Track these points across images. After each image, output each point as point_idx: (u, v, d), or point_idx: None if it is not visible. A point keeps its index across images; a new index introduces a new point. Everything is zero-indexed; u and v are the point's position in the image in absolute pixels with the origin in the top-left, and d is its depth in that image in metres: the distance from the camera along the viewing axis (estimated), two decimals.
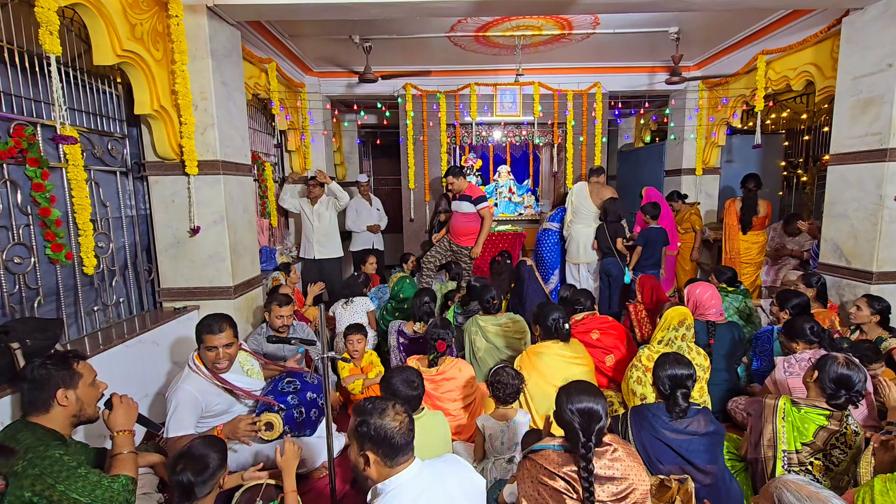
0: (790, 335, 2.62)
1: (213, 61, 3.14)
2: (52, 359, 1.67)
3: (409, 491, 1.34)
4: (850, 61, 3.44)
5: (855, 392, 1.96)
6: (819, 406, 1.99)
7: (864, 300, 2.97)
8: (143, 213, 3.26)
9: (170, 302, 3.30)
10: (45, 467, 1.46)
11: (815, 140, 6.17)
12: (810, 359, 2.38)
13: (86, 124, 2.81)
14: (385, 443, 1.35)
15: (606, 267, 4.57)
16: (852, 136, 3.44)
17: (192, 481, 1.53)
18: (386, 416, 1.37)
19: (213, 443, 1.66)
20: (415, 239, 6.20)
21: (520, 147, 7.21)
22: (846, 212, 3.50)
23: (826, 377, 1.99)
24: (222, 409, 2.34)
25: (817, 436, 1.94)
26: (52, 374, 1.62)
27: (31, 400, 1.62)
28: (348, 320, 3.62)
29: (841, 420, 1.95)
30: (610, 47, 5.09)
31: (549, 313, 2.65)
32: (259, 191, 4.76)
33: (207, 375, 2.28)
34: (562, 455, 1.56)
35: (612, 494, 1.49)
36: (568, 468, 1.52)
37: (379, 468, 1.37)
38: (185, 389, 2.21)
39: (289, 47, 4.84)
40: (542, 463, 1.56)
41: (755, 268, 4.79)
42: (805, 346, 2.54)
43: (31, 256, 2.40)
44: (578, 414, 1.52)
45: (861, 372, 1.99)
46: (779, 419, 2.00)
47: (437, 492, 1.38)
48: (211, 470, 1.57)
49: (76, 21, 2.65)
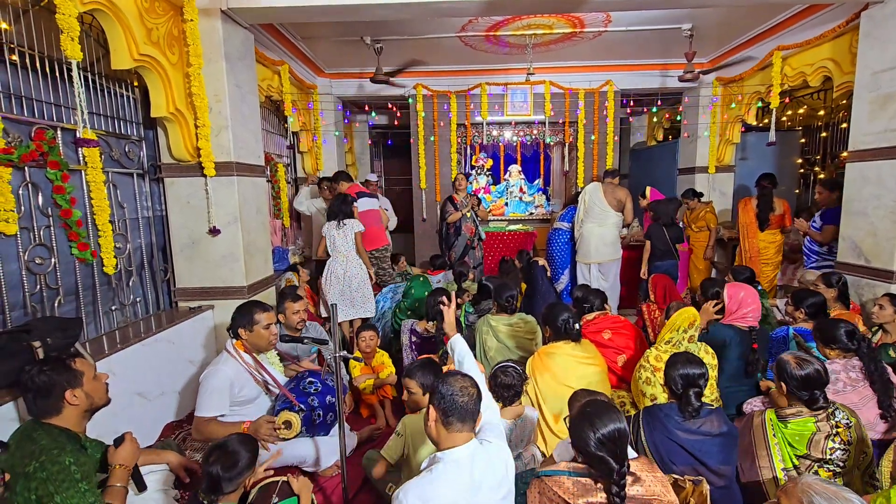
0: (824, 340, 2.37)
1: (227, 64, 3.18)
2: (49, 364, 1.67)
3: (464, 468, 1.41)
4: (870, 56, 3.37)
5: (825, 385, 1.90)
6: (804, 413, 1.91)
7: (887, 299, 2.86)
8: (158, 215, 3.32)
9: (185, 301, 3.36)
10: (53, 473, 1.48)
11: (832, 137, 6.06)
12: (840, 372, 2.23)
13: (104, 127, 2.87)
14: (448, 406, 1.44)
15: (668, 269, 4.48)
16: (871, 133, 3.37)
17: (220, 476, 1.56)
18: (457, 384, 1.47)
19: (248, 442, 1.69)
20: (426, 238, 6.22)
21: (531, 146, 7.19)
22: (865, 210, 3.42)
23: (793, 386, 1.92)
24: (251, 397, 2.42)
25: (812, 444, 1.86)
26: (55, 378, 1.63)
27: (41, 406, 1.63)
28: (340, 243, 3.85)
29: (829, 418, 1.89)
30: (622, 45, 5.04)
31: (559, 314, 2.63)
32: (272, 192, 4.82)
33: (246, 362, 2.40)
34: (577, 484, 1.44)
35: None
36: (584, 500, 1.41)
37: (438, 427, 1.47)
38: (223, 372, 2.31)
39: (301, 49, 4.89)
40: (557, 491, 1.45)
41: (773, 268, 4.70)
42: (841, 354, 2.31)
43: (51, 257, 2.46)
44: (609, 441, 1.42)
45: (817, 362, 1.92)
46: (770, 437, 1.93)
47: (486, 473, 1.44)
48: (239, 468, 1.61)
49: (94, 26, 2.71)
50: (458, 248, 5.10)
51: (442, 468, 1.41)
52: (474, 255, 5.18)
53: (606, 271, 4.81)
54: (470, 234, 5.13)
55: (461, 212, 5.03)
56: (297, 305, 3.11)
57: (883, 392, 2.14)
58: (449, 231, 5.10)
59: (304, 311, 3.14)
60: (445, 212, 5.11)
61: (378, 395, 3.14)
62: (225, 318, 2.80)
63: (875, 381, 2.17)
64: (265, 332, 2.44)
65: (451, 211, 5.04)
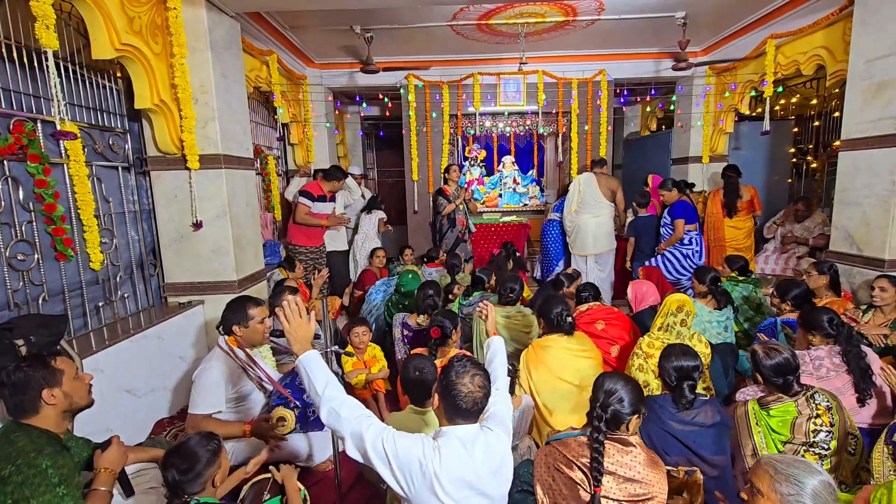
0: (807, 327, 2.47)
1: (213, 54, 3.11)
2: (28, 361, 1.62)
3: (467, 444, 1.41)
4: (863, 44, 3.35)
5: (795, 370, 1.94)
6: (784, 399, 1.95)
7: (887, 281, 2.84)
8: (146, 209, 3.26)
9: (174, 297, 3.31)
10: (29, 477, 1.44)
11: (825, 126, 6.05)
12: (825, 358, 2.29)
13: (86, 119, 2.79)
14: (449, 405, 1.44)
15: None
16: (864, 121, 3.36)
17: (177, 480, 1.55)
18: (464, 388, 1.44)
19: (206, 441, 1.66)
20: (419, 231, 6.18)
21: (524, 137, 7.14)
22: (858, 199, 3.43)
23: (767, 374, 1.96)
24: (245, 394, 2.39)
25: (795, 428, 1.90)
26: (32, 376, 1.58)
27: (17, 404, 1.58)
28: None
29: (809, 401, 1.92)
30: (615, 34, 4.99)
31: (553, 307, 2.62)
32: (262, 184, 4.75)
33: (239, 358, 2.36)
34: (583, 445, 1.57)
35: (629, 495, 1.48)
36: (584, 457, 1.52)
37: (440, 413, 1.50)
38: (216, 368, 2.28)
39: (289, 39, 4.79)
40: (562, 450, 1.57)
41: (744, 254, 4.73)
42: (823, 340, 2.38)
43: (34, 253, 2.40)
44: (605, 393, 1.61)
45: (786, 350, 1.97)
46: (753, 426, 1.97)
47: (486, 456, 1.43)
48: (197, 470, 1.58)
49: (74, 15, 2.63)
50: (449, 240, 5.07)
51: (444, 441, 1.41)
52: (465, 247, 5.15)
53: (604, 263, 4.82)
54: (462, 226, 5.10)
55: (455, 203, 4.99)
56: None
57: (859, 375, 2.21)
58: (443, 223, 5.07)
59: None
60: (439, 204, 5.07)
61: (370, 390, 3.12)
62: (215, 314, 2.76)
63: (851, 364, 2.25)
64: (260, 327, 2.41)
65: (445, 203, 5.00)
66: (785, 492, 1.25)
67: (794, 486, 1.24)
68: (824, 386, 2.15)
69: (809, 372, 2.31)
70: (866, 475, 1.92)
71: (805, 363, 2.37)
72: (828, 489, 1.24)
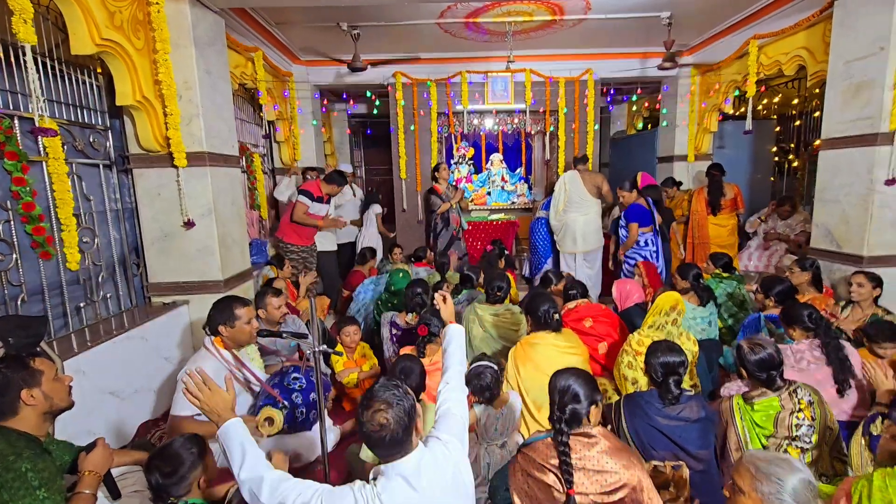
0: (787, 321, 2.55)
1: (197, 50, 3.06)
2: (6, 362, 1.59)
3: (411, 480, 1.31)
4: (842, 45, 3.42)
5: (779, 366, 1.99)
6: (768, 394, 1.99)
7: (864, 276, 2.92)
8: (129, 207, 3.20)
9: (159, 297, 3.26)
10: (8, 481, 1.41)
11: (806, 125, 6.18)
12: (806, 351, 2.35)
13: (66, 116, 2.73)
14: (364, 438, 1.35)
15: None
16: (844, 121, 3.43)
17: (161, 483, 1.55)
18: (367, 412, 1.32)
19: (190, 444, 1.64)
20: (407, 229, 6.17)
21: (512, 135, 7.17)
22: (837, 197, 3.50)
23: (752, 369, 2.00)
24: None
25: (779, 422, 1.93)
26: (10, 377, 1.54)
27: None
28: None
29: (791, 395, 1.96)
30: (602, 33, 5.03)
31: (540, 304, 2.63)
32: (248, 183, 4.69)
33: (225, 359, 2.33)
34: (550, 446, 1.56)
35: (602, 486, 1.49)
36: (554, 459, 1.52)
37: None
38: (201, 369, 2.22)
39: (275, 35, 4.74)
40: (533, 456, 1.56)
41: (727, 251, 4.80)
42: (802, 334, 2.46)
43: (12, 253, 2.34)
44: (559, 393, 1.60)
45: (770, 345, 2.01)
46: (738, 420, 2.01)
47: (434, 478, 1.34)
48: (182, 473, 1.57)
49: (52, 9, 2.56)
50: (443, 239, 5.06)
51: (384, 484, 1.30)
52: (459, 245, 5.15)
53: (592, 260, 4.84)
54: (456, 224, 5.10)
55: (451, 203, 4.99)
56: (278, 300, 3.06)
57: (838, 367, 2.28)
58: (437, 222, 5.06)
59: (285, 305, 3.09)
60: (432, 203, 5.06)
61: (362, 388, 3.11)
62: (201, 314, 2.72)
63: (830, 355, 2.32)
64: (247, 328, 2.40)
65: (438, 202, 4.99)
66: (766, 490, 1.27)
67: (774, 484, 1.27)
68: (806, 378, 2.20)
69: (791, 364, 2.37)
70: (840, 466, 1.97)
71: (787, 356, 2.42)
72: (808, 487, 1.27)
